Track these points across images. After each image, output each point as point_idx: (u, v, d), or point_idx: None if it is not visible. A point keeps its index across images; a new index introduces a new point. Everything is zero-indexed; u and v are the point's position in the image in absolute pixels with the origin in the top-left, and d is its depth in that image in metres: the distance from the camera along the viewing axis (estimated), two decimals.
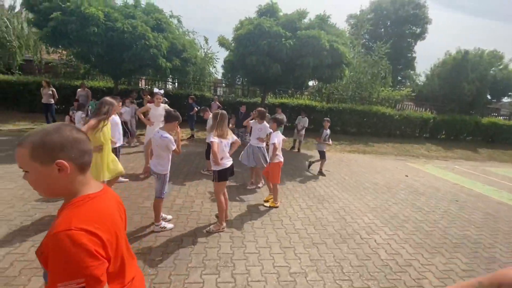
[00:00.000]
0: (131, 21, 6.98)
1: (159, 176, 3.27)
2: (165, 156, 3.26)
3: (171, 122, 3.25)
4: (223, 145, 3.44)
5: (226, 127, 3.47)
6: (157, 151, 3.22)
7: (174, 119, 3.26)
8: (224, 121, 3.43)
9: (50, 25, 6.20)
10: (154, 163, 3.25)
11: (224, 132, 3.42)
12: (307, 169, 7.12)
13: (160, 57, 7.65)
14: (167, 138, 3.16)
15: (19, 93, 10.84)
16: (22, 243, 2.88)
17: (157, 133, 3.19)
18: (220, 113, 3.44)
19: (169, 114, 3.27)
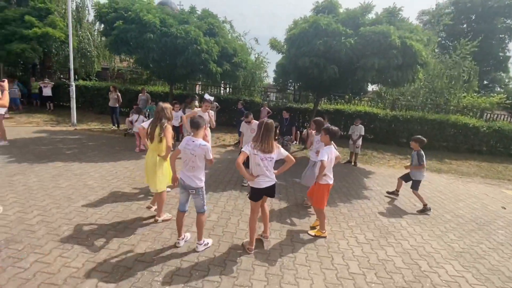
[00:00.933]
0: (185, 27, 7.04)
1: (199, 190, 2.91)
2: (202, 166, 2.93)
3: (200, 128, 2.92)
4: (259, 159, 2.89)
5: (271, 139, 2.92)
6: (194, 162, 2.85)
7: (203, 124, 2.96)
8: (269, 133, 2.89)
9: (113, 33, 6.61)
10: (190, 177, 2.87)
11: (267, 145, 2.87)
12: (365, 187, 6.03)
13: (211, 62, 7.55)
14: (206, 146, 2.84)
15: (93, 96, 12.27)
16: (51, 251, 2.78)
17: (193, 141, 2.84)
18: (265, 123, 2.91)
19: (196, 121, 2.90)
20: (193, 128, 2.92)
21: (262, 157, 2.88)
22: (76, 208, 3.79)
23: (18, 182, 4.46)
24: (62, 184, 4.59)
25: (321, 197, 3.62)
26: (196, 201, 2.97)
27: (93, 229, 3.30)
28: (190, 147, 2.81)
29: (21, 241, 2.93)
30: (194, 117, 2.94)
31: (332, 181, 3.66)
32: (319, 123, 4.47)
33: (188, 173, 2.87)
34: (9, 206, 3.65)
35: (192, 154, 2.81)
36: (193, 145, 2.81)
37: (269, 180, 2.99)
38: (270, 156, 2.91)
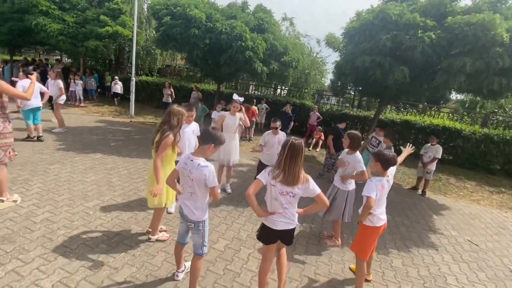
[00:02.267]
0: (231, 22, 6.57)
1: (198, 224, 2.22)
2: (205, 194, 2.19)
3: (205, 145, 2.16)
4: (277, 193, 2.08)
5: (299, 167, 2.05)
6: (192, 187, 2.15)
7: (210, 141, 2.15)
8: (296, 158, 2.04)
9: (161, 29, 6.56)
10: (188, 206, 2.21)
11: (291, 175, 2.03)
12: (433, 229, 4.54)
13: (257, 60, 6.92)
14: (208, 168, 2.09)
15: (153, 91, 13.05)
16: (33, 260, 2.51)
17: (191, 160, 2.14)
18: (291, 143, 2.06)
19: (205, 133, 2.21)
20: (200, 140, 2.27)
21: (283, 190, 2.07)
22: (85, 208, 3.60)
23: (52, 172, 4.60)
24: (88, 178, 4.56)
25: (364, 243, 2.59)
26: (194, 237, 2.29)
27: (87, 238, 2.99)
28: (188, 168, 2.14)
29: (14, 241, 2.77)
30: (211, 129, 2.25)
31: (384, 222, 2.60)
32: (355, 139, 3.33)
33: (187, 201, 2.22)
34: (28, 197, 3.67)
35: (189, 177, 2.14)
36: (191, 165, 2.12)
37: (287, 222, 2.16)
38: (293, 191, 2.07)
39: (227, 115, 4.62)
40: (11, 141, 3.21)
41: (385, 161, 2.50)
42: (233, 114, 4.61)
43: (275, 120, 4.30)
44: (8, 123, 3.13)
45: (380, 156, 2.52)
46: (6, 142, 3.13)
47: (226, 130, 4.51)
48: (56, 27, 10.28)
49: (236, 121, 4.60)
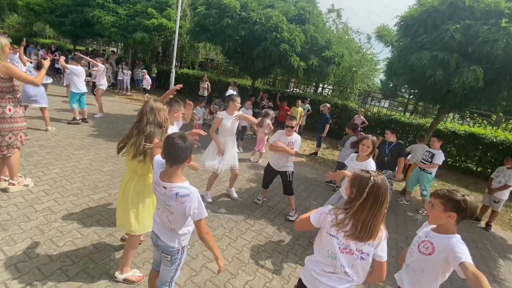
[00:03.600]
0: (267, 11, 6.01)
1: (173, 252, 1.73)
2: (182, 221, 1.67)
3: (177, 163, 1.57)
4: (336, 247, 1.45)
5: (378, 219, 1.38)
6: (170, 221, 1.66)
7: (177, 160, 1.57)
8: (378, 208, 1.37)
9: (195, 19, 6.32)
10: (165, 229, 1.72)
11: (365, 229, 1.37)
12: (497, 277, 3.45)
13: (293, 53, 6.26)
14: (189, 197, 1.55)
15: (192, 84, 13.24)
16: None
17: (164, 187, 1.61)
18: (373, 184, 1.36)
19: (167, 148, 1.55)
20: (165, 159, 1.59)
21: (348, 247, 1.43)
22: (90, 200, 3.47)
23: (74, 158, 4.68)
24: (105, 168, 4.53)
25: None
26: (163, 269, 1.81)
27: (78, 235, 2.80)
28: (162, 198, 1.63)
29: (7, 229, 2.70)
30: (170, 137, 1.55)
31: None
32: None
33: (163, 224, 1.72)
34: (42, 182, 3.70)
35: (167, 209, 1.63)
36: (165, 194, 1.59)
37: None
38: (362, 249, 1.42)
39: (224, 116, 3.79)
40: (23, 125, 3.19)
41: (464, 212, 1.50)
42: (231, 113, 3.81)
43: (292, 118, 3.68)
44: (19, 107, 3.11)
45: (461, 204, 1.49)
46: (17, 126, 3.12)
47: (223, 133, 3.83)
48: (109, 19, 10.95)
49: (236, 122, 3.93)
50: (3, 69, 2.85)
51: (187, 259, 2.74)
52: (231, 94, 3.89)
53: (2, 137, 3.03)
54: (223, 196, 4.30)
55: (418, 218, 4.88)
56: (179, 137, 1.53)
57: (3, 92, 2.95)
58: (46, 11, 12.21)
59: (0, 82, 2.89)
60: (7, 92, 2.98)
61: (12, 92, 3.02)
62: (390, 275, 2.30)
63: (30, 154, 4.43)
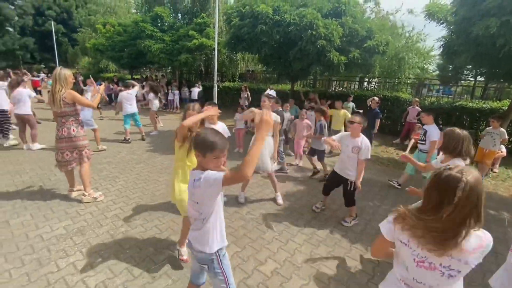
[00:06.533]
0: (301, 10, 5.93)
1: (212, 261, 1.65)
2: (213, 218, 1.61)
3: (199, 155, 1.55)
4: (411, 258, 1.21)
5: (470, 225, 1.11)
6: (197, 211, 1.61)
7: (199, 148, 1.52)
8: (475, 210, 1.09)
9: (230, 32, 6.59)
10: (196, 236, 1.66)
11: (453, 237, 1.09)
12: None
13: (331, 49, 6.02)
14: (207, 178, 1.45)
15: (234, 96, 13.72)
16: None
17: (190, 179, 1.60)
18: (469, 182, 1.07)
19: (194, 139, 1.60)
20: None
21: (426, 259, 1.16)
22: (149, 208, 3.77)
23: (135, 171, 5.18)
24: (161, 178, 4.89)
25: None
26: (214, 282, 1.73)
27: (140, 238, 3.04)
28: (189, 189, 1.61)
29: (85, 234, 3.08)
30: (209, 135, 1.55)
31: None
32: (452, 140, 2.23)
33: (193, 229, 1.68)
34: (111, 193, 4.15)
35: (192, 200, 1.61)
36: (190, 185, 1.57)
37: None
38: (449, 265, 1.13)
39: (257, 114, 3.75)
40: (85, 143, 3.68)
41: None
42: None
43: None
44: (80, 127, 3.60)
45: None
46: (81, 144, 3.61)
47: None
48: (157, 46, 12.17)
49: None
50: (69, 96, 3.37)
51: (238, 261, 2.74)
52: (265, 94, 3.99)
53: (71, 153, 3.55)
54: (271, 200, 4.23)
55: (505, 218, 4.09)
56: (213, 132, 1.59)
57: (68, 115, 3.47)
58: (108, 48, 14.20)
59: (66, 107, 3.40)
60: (71, 115, 3.50)
61: (75, 115, 3.53)
62: None
63: (100, 170, 5.06)
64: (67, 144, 3.50)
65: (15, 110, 5.78)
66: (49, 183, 4.36)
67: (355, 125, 3.37)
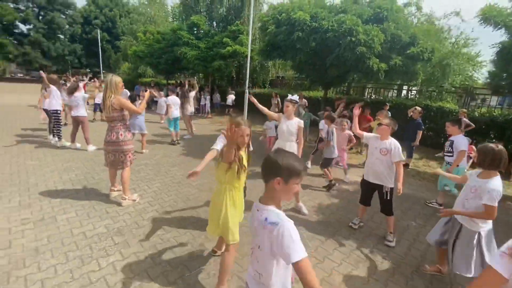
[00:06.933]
0: (339, 17, 5.76)
1: None
2: (272, 269, 1.28)
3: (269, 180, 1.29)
4: None
5: None
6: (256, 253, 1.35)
7: (273, 172, 1.26)
8: None
9: (266, 39, 6.60)
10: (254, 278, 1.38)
11: None
12: None
13: (371, 55, 5.76)
14: (277, 228, 1.18)
15: (264, 102, 13.63)
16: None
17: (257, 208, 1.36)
18: None
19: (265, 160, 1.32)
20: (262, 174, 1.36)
21: None
22: (182, 212, 3.82)
23: (170, 173, 5.33)
24: (194, 182, 4.94)
25: None
26: None
27: (176, 243, 3.07)
28: (253, 222, 1.37)
29: (124, 234, 3.18)
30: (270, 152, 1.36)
31: None
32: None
33: (252, 269, 1.41)
34: (148, 194, 4.29)
35: (255, 238, 1.36)
36: (257, 219, 1.31)
37: None
38: None
39: (282, 118, 3.97)
40: (131, 148, 3.81)
41: None
42: (289, 117, 3.91)
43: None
44: (128, 132, 3.74)
45: None
46: (127, 148, 3.74)
47: (280, 136, 4.00)
48: (193, 53, 12.64)
49: (293, 126, 3.87)
50: (117, 102, 3.50)
51: None
52: (287, 99, 3.98)
53: (115, 156, 3.69)
54: (297, 211, 4.08)
55: None
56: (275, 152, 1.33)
57: (116, 120, 3.61)
58: (147, 55, 15.06)
59: (114, 112, 3.54)
60: (119, 120, 3.63)
61: (123, 120, 3.67)
62: None
63: (138, 171, 5.27)
64: (113, 147, 3.65)
65: (72, 112, 6.27)
66: (92, 182, 4.63)
67: (384, 127, 3.22)
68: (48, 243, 2.92)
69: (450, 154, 4.27)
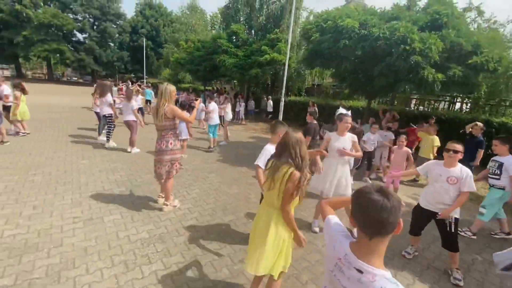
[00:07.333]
0: (392, 23, 5.37)
1: None
2: None
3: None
4: None
5: None
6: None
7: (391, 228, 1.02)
8: None
9: (309, 47, 6.42)
10: None
11: None
12: None
13: (427, 65, 5.27)
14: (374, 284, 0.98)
15: (299, 110, 13.48)
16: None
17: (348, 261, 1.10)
18: None
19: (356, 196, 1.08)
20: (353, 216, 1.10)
21: None
22: (221, 221, 3.73)
23: (208, 180, 5.33)
24: (231, 191, 4.89)
25: None
26: None
27: (216, 254, 2.97)
28: (346, 280, 1.08)
29: (165, 241, 3.17)
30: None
31: None
32: None
33: None
34: (187, 200, 4.29)
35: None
36: (357, 281, 1.03)
37: None
38: None
39: (334, 137, 3.57)
40: (179, 157, 3.80)
41: None
42: (342, 134, 3.54)
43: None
44: (177, 140, 3.73)
45: None
46: (175, 157, 3.72)
47: (331, 154, 3.53)
48: (231, 61, 12.89)
49: (346, 144, 3.51)
50: (170, 110, 3.47)
51: None
52: (340, 113, 3.63)
53: (164, 166, 3.64)
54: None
55: None
56: (379, 192, 1.01)
57: (167, 129, 3.58)
58: (188, 62, 15.73)
59: (166, 121, 3.51)
60: (170, 129, 3.60)
61: (173, 129, 3.65)
62: None
63: (178, 176, 5.29)
64: (163, 156, 3.60)
65: (124, 117, 6.65)
66: (135, 184, 4.78)
67: (455, 155, 2.78)
68: (96, 244, 3.00)
69: (496, 177, 3.73)
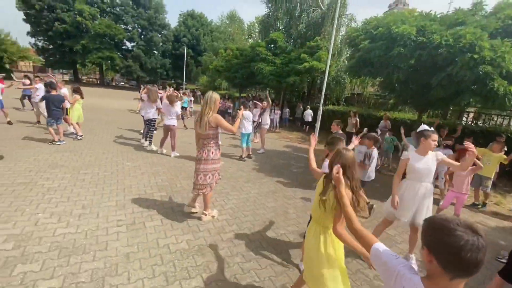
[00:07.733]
0: (456, 30, 4.81)
1: None
2: None
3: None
4: None
5: None
6: None
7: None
8: None
9: (357, 55, 6.05)
10: None
11: None
12: None
13: (497, 76, 4.62)
14: None
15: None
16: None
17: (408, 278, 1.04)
18: None
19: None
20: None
21: None
22: (261, 238, 3.53)
23: (245, 190, 5.19)
24: (269, 204, 4.69)
25: None
26: None
27: (258, 276, 2.78)
28: None
29: (204, 254, 3.05)
30: None
31: None
32: None
33: None
34: (225, 210, 4.18)
35: None
36: None
37: None
38: None
39: (414, 157, 3.07)
40: (218, 166, 3.70)
41: None
42: (424, 153, 3.03)
43: None
44: (218, 150, 3.64)
45: None
46: (215, 167, 3.63)
47: (412, 177, 3.09)
48: (268, 69, 12.85)
49: (432, 163, 3.01)
50: (214, 119, 3.38)
51: None
52: (423, 129, 3.15)
53: (205, 176, 3.54)
54: None
55: None
56: (470, 229, 0.89)
57: (210, 138, 3.49)
58: (225, 69, 16.08)
59: (210, 129, 3.43)
60: (213, 138, 3.52)
61: (216, 138, 3.57)
62: None
63: None
64: (204, 166, 3.52)
65: (165, 121, 6.90)
66: (175, 189, 4.81)
67: None
68: (137, 251, 2.99)
69: None
